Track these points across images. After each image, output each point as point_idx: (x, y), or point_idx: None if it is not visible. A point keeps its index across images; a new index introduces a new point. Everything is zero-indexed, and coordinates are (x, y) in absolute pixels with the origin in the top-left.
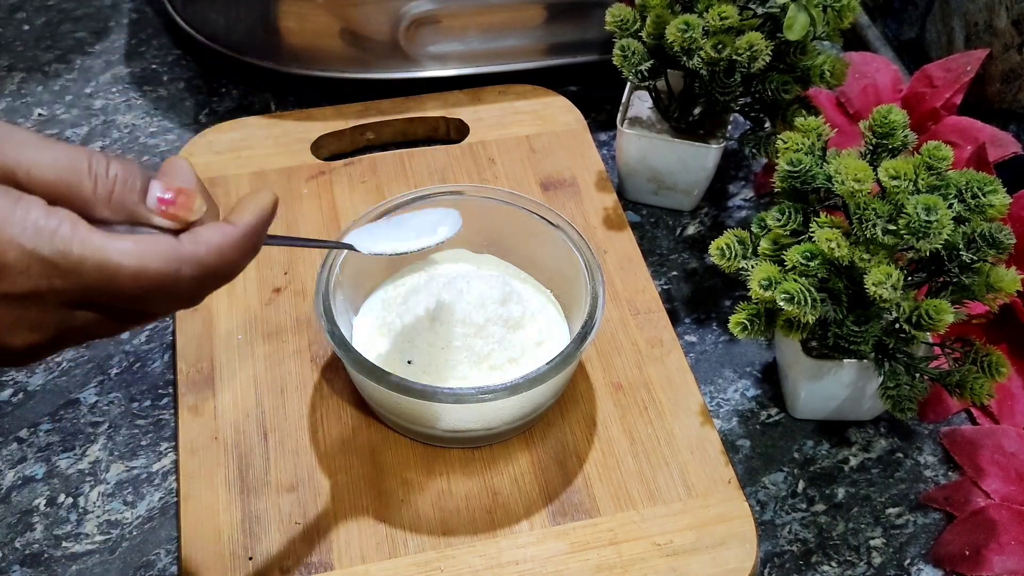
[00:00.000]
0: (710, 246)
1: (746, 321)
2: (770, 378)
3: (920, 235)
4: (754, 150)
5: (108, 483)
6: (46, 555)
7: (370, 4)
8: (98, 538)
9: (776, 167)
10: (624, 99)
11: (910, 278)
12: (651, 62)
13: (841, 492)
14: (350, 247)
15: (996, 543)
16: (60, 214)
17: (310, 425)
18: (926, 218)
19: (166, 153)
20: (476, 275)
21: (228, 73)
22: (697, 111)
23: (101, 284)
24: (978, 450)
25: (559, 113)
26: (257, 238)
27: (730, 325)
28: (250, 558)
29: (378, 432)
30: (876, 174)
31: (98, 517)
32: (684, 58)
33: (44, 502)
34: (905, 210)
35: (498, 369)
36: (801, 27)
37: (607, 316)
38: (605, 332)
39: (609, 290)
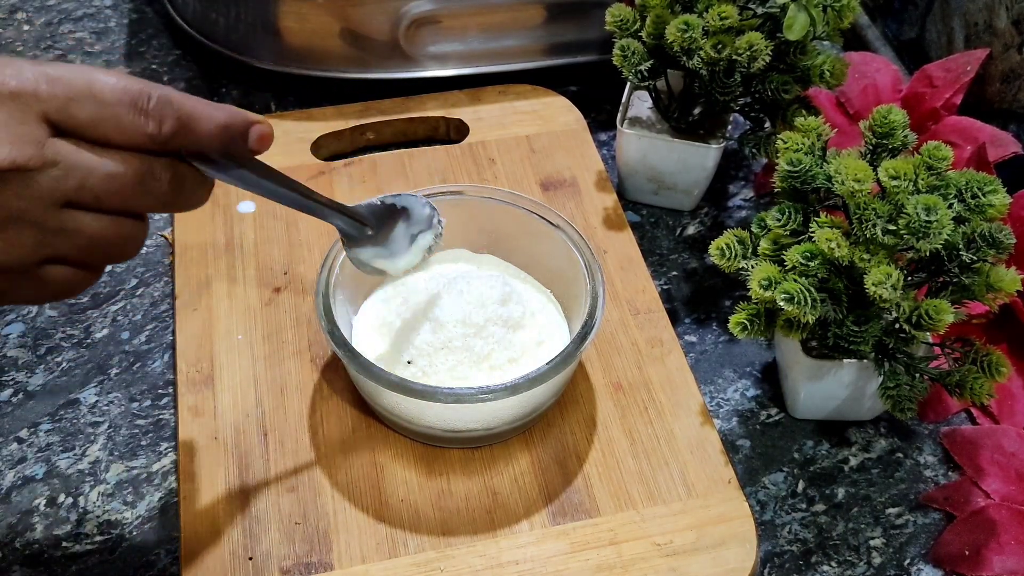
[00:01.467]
0: (710, 246)
1: (746, 321)
2: (770, 378)
3: (920, 235)
4: (754, 150)
5: (108, 483)
6: (46, 555)
7: (370, 4)
8: (98, 538)
9: (776, 167)
10: (624, 99)
11: (910, 278)
12: (651, 62)
13: (841, 492)
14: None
15: (996, 543)
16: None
17: (310, 425)
18: (926, 218)
19: None
20: (476, 275)
21: (228, 73)
22: (697, 111)
23: (82, 89)
24: (978, 450)
25: (559, 113)
26: (228, 116)
27: (730, 325)
28: (250, 558)
29: (378, 432)
30: (876, 174)
31: (98, 517)
32: (684, 58)
33: (44, 502)
34: (905, 210)
35: (498, 369)
36: (801, 27)
37: (607, 316)
38: (605, 332)
39: (609, 290)
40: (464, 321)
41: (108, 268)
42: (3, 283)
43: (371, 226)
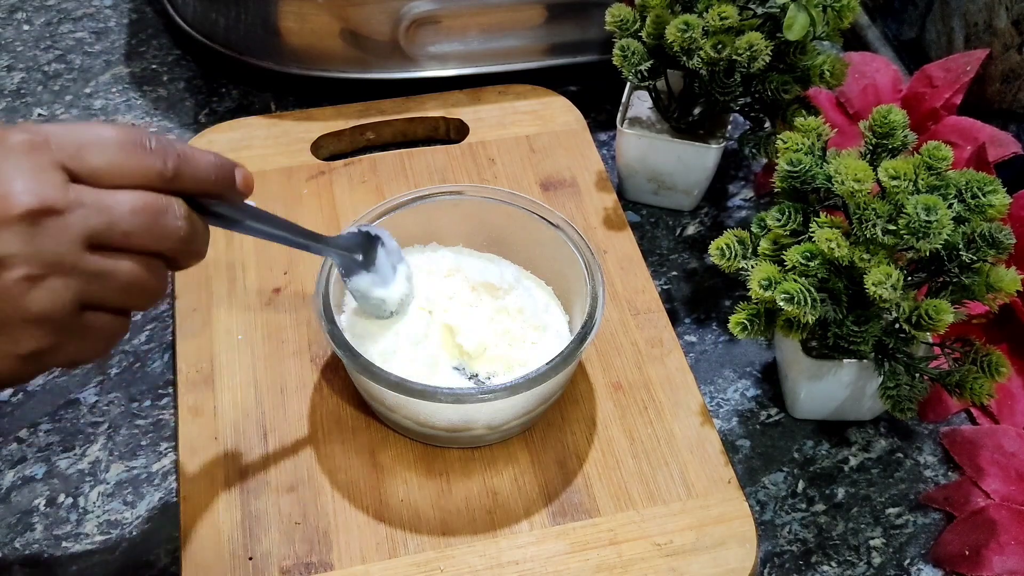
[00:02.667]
0: (710, 246)
1: (746, 321)
2: (770, 378)
3: (920, 235)
4: (754, 150)
5: (108, 483)
6: (46, 555)
7: (370, 4)
8: (98, 538)
9: (776, 167)
10: (624, 99)
11: (910, 278)
12: (651, 62)
13: (841, 492)
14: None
15: (996, 543)
16: None
17: (310, 425)
18: (926, 218)
19: None
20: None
21: (228, 73)
22: (697, 111)
23: (90, 137)
24: (978, 450)
25: (559, 113)
26: (216, 156)
27: (730, 325)
28: (250, 558)
29: (378, 432)
30: (876, 174)
31: (98, 517)
32: (684, 58)
33: (44, 502)
34: (905, 210)
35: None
36: (801, 27)
37: (607, 316)
38: (605, 332)
39: (609, 290)
40: None
41: None
42: (50, 339)
43: (358, 253)
